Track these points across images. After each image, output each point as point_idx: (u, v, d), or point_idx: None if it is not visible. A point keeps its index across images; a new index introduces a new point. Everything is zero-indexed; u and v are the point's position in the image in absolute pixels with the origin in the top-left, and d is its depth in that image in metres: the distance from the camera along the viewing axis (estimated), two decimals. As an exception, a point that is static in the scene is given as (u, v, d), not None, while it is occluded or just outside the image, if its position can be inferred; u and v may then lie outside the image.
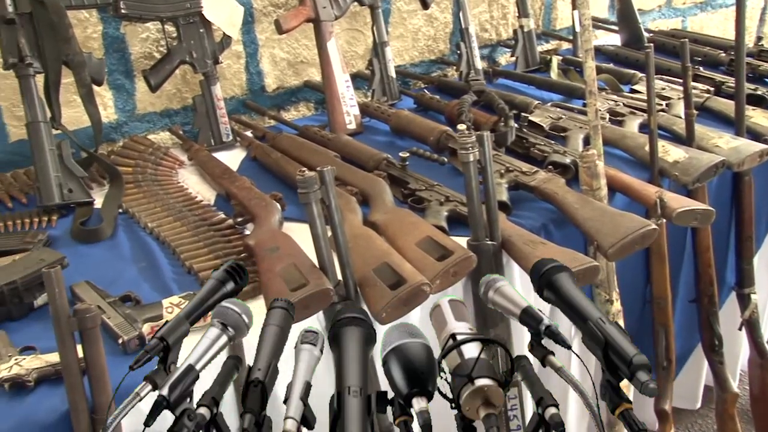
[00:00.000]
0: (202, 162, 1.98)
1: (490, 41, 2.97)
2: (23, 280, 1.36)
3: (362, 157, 1.94)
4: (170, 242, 1.60)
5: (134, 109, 2.21)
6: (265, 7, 2.35)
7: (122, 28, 2.11)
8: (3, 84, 1.94)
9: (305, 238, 1.47)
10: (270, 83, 2.45)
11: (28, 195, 1.85)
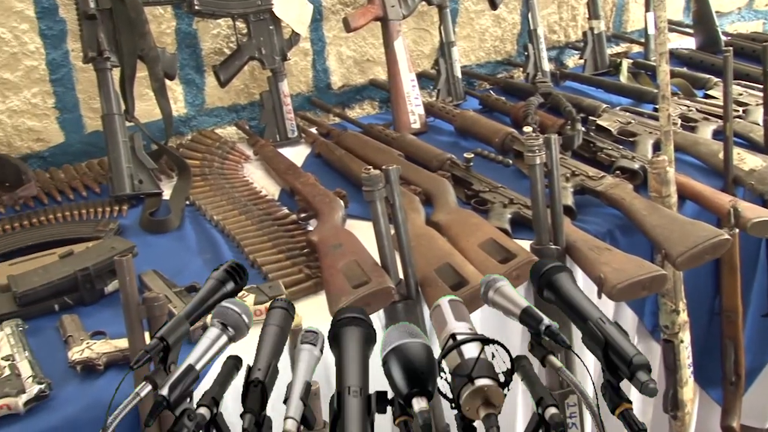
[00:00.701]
0: (267, 157, 2.00)
1: (558, 43, 2.93)
2: (95, 266, 1.40)
3: (426, 156, 1.93)
4: (235, 235, 1.63)
5: (203, 103, 2.26)
6: (334, 5, 2.36)
7: (194, 24, 2.16)
8: (81, 77, 2.00)
9: (367, 235, 1.47)
10: (336, 81, 2.47)
11: (101, 185, 1.91)
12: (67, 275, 1.38)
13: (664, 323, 1.70)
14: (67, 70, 1.98)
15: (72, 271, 1.39)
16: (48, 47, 1.94)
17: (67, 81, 2.00)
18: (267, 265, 1.50)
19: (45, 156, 2.02)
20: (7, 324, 1.29)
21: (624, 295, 1.42)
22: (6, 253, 1.55)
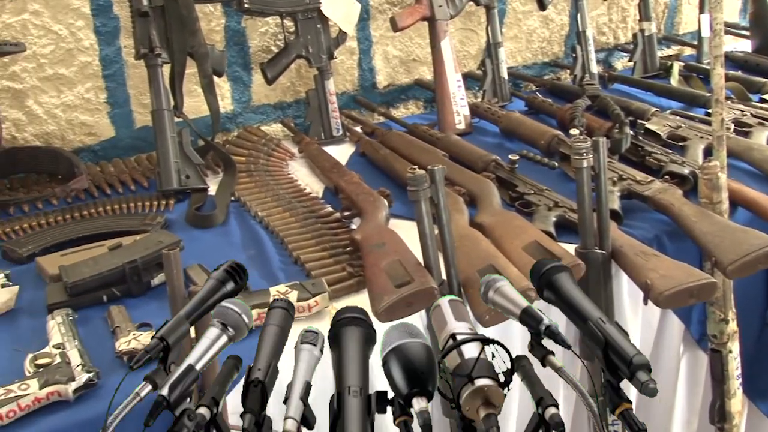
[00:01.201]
0: (312, 155, 2.02)
1: (607, 45, 2.89)
2: (143, 259, 1.43)
3: (471, 157, 1.92)
4: (279, 232, 1.64)
5: (249, 100, 2.28)
6: (381, 4, 2.37)
7: (243, 22, 2.18)
8: (132, 73, 2.04)
9: (410, 235, 1.47)
10: (381, 80, 2.47)
11: (149, 179, 1.94)
12: (116, 267, 1.41)
13: (712, 332, 1.66)
14: (119, 66, 2.03)
15: (120, 264, 1.41)
16: (102, 43, 1.98)
17: (119, 77, 2.04)
18: (310, 262, 1.51)
19: (96, 150, 2.07)
20: (58, 313, 1.32)
21: (671, 303, 1.39)
22: (58, 243, 1.59)
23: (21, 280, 1.45)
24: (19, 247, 1.56)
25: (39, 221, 1.70)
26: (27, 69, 1.90)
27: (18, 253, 1.55)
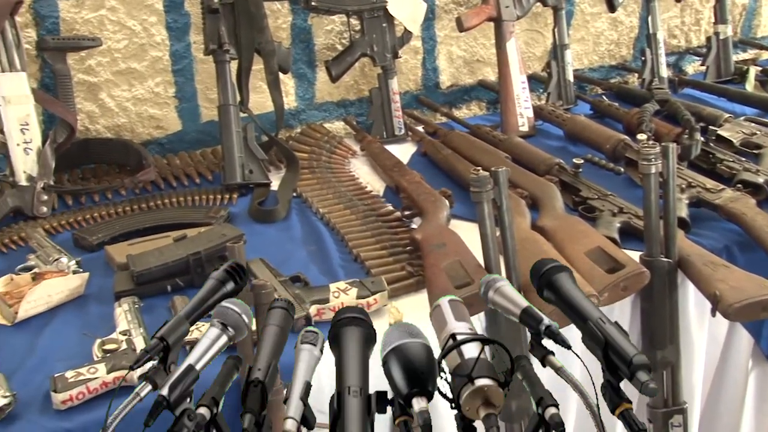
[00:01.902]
0: (374, 153, 2.02)
1: (678, 48, 2.81)
2: (206, 251, 1.45)
3: (534, 160, 1.90)
4: (339, 229, 1.65)
5: (313, 97, 2.30)
6: (447, 4, 2.36)
7: (309, 19, 2.20)
8: (200, 68, 2.08)
9: (471, 237, 1.47)
10: (444, 80, 2.46)
11: (213, 173, 1.98)
12: (180, 258, 1.44)
13: (784, 348, 1.61)
14: (188, 61, 2.07)
15: (185, 255, 1.45)
16: (172, 39, 2.03)
17: (188, 72, 2.08)
18: (370, 260, 1.52)
19: (163, 143, 2.12)
20: (125, 301, 1.36)
21: (741, 315, 1.35)
22: (125, 233, 1.64)
23: (91, 267, 1.50)
24: (89, 236, 1.61)
25: (108, 211, 1.75)
26: (102, 63, 1.95)
27: (88, 241, 1.60)
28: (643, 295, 1.47)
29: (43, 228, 1.67)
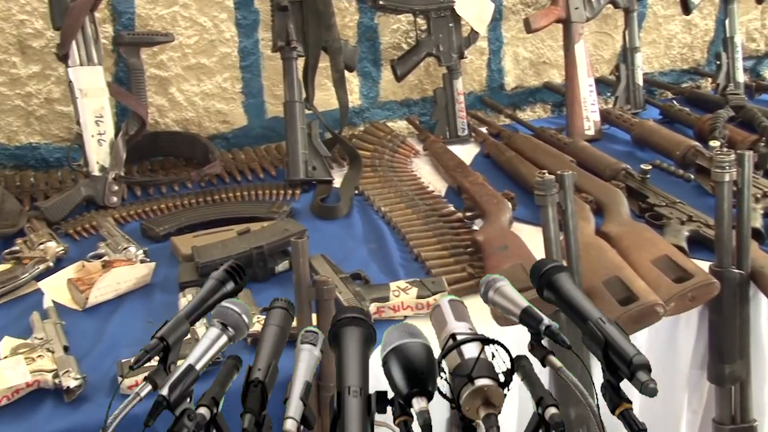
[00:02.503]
0: (436, 153, 2.02)
1: (757, 52, 2.72)
2: (269, 246, 1.47)
3: (599, 165, 1.86)
4: (401, 228, 1.65)
5: (377, 96, 2.31)
6: (515, 4, 2.34)
7: (376, 18, 2.21)
8: (267, 65, 2.11)
9: (533, 241, 1.45)
10: (509, 81, 2.44)
11: (277, 168, 2.00)
12: (243, 251, 1.46)
13: None
14: (255, 57, 2.10)
15: (248, 248, 1.47)
16: (241, 36, 2.06)
17: (255, 68, 2.11)
18: (431, 260, 1.51)
19: (229, 137, 2.15)
20: (189, 291, 1.39)
21: (817, 332, 1.29)
22: (191, 225, 1.67)
23: (157, 257, 1.54)
24: (156, 226, 1.65)
25: (175, 203, 1.79)
26: (173, 58, 2.00)
27: (155, 232, 1.64)
28: (711, 307, 1.43)
29: (113, 217, 1.72)
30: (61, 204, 1.72)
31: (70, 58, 1.71)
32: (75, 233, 1.68)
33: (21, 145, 1.94)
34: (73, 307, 1.40)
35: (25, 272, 1.46)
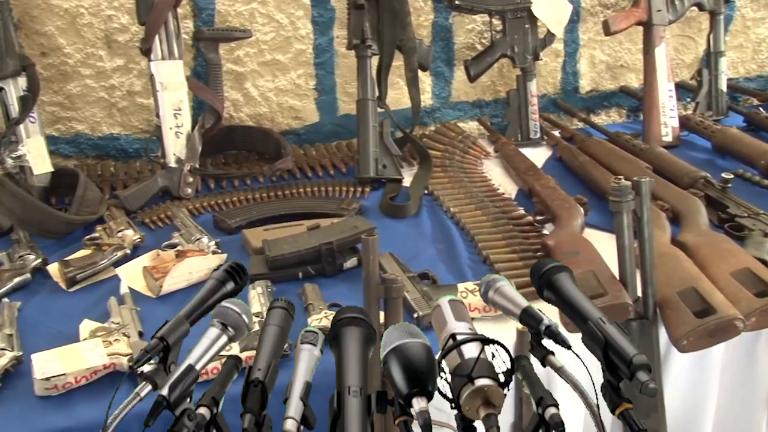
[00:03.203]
0: (508, 155, 1.99)
1: None
2: (338, 242, 1.48)
3: (677, 172, 1.81)
4: (470, 229, 1.64)
5: (449, 96, 2.29)
6: (593, 6, 2.29)
7: (451, 18, 2.20)
8: (341, 62, 2.13)
9: (605, 248, 1.42)
10: (584, 85, 2.39)
11: (347, 165, 2.01)
12: (313, 247, 1.48)
13: None
14: (329, 55, 2.12)
15: (317, 244, 1.48)
16: (316, 33, 2.08)
17: (329, 65, 2.13)
18: (499, 263, 1.50)
19: (300, 133, 2.18)
20: (258, 284, 1.41)
21: None
22: (262, 218, 1.70)
23: (228, 249, 1.57)
24: (228, 219, 1.68)
25: (246, 196, 1.83)
26: (249, 54, 2.04)
27: (227, 224, 1.67)
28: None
29: (187, 208, 1.76)
30: (139, 193, 1.78)
31: (152, 52, 1.77)
32: (151, 222, 1.73)
33: (103, 135, 2.01)
34: (147, 294, 1.44)
35: (104, 258, 1.51)
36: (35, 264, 1.51)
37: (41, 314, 1.38)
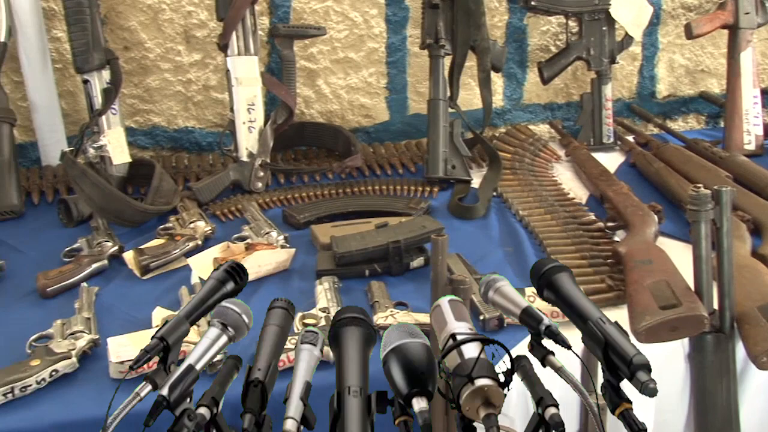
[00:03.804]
0: (579, 160, 1.95)
1: None
2: (406, 241, 1.48)
3: (759, 182, 1.74)
4: (538, 233, 1.62)
5: (520, 98, 2.27)
6: (675, 9, 2.22)
7: (525, 19, 2.17)
8: (413, 61, 2.13)
9: (679, 257, 1.39)
10: (661, 89, 2.33)
11: (416, 164, 2.01)
12: (381, 245, 1.48)
13: None
14: (402, 54, 2.12)
15: (385, 242, 1.48)
16: (390, 32, 2.08)
17: (401, 64, 2.13)
18: (568, 268, 1.47)
19: (370, 131, 2.19)
20: (325, 279, 1.42)
21: None
22: (330, 215, 1.71)
23: (296, 244, 1.59)
24: (297, 214, 1.70)
25: (315, 192, 1.84)
26: (322, 51, 2.06)
27: (296, 219, 1.69)
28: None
29: (257, 202, 1.79)
30: (211, 186, 1.81)
31: (229, 47, 1.80)
32: (222, 215, 1.76)
33: (178, 128, 2.06)
34: (217, 285, 1.47)
35: (177, 248, 1.55)
36: (112, 251, 1.55)
37: (116, 300, 1.42)
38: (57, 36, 1.89)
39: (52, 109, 1.90)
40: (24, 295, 1.45)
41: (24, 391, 1.14)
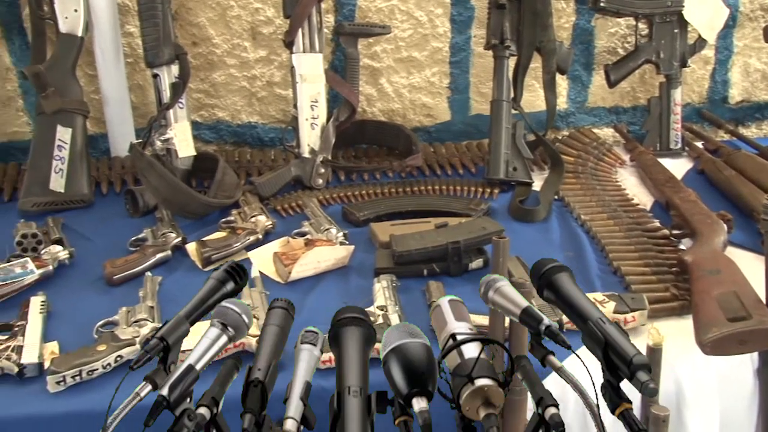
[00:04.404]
0: (645, 165, 1.91)
1: None
2: (466, 242, 1.47)
3: (836, 193, 1.67)
4: (601, 239, 1.59)
5: (585, 101, 2.23)
6: (754, 10, 2.15)
7: (593, 21, 2.13)
8: (476, 62, 2.11)
9: (749, 268, 1.34)
10: (734, 94, 2.26)
11: (476, 165, 2.00)
12: (440, 245, 1.48)
13: None
14: (465, 54, 2.11)
15: (444, 242, 1.48)
16: (454, 31, 2.08)
17: (464, 64, 2.12)
18: (631, 275, 1.44)
19: (431, 131, 2.18)
20: (384, 277, 1.42)
21: None
22: (389, 213, 1.71)
23: (355, 241, 1.59)
24: (357, 211, 1.71)
25: (375, 190, 1.85)
26: (386, 50, 2.06)
27: (356, 216, 1.70)
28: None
29: (318, 198, 1.81)
30: (273, 181, 1.83)
31: (294, 44, 1.82)
32: (282, 210, 1.78)
33: (242, 123, 2.09)
34: (276, 279, 1.49)
35: (238, 241, 1.58)
36: (176, 242, 1.59)
37: (178, 290, 1.45)
38: (129, 31, 1.95)
39: (122, 102, 1.95)
40: (91, 282, 1.49)
41: (91, 374, 1.18)
